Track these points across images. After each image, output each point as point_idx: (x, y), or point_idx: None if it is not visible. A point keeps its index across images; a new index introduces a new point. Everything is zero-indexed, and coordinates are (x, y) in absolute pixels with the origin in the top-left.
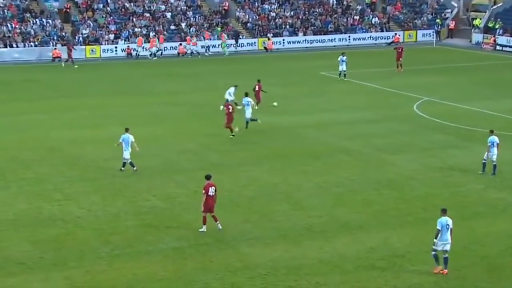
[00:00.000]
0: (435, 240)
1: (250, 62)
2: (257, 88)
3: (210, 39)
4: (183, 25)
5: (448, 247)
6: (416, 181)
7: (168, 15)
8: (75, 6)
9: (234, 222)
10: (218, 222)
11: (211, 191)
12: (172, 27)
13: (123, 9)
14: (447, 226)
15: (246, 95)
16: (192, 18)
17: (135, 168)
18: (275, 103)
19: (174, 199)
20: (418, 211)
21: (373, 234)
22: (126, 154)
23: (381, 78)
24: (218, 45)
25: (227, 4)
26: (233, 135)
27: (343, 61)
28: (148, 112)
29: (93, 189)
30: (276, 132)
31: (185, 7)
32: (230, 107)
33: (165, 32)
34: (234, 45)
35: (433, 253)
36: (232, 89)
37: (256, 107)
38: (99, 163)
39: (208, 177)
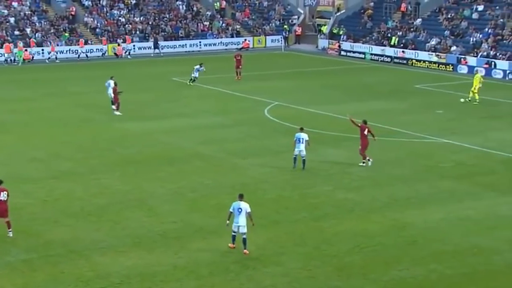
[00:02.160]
0: (227, 221)
1: (100, 68)
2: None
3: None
4: (28, 30)
5: (243, 230)
6: (268, 184)
7: (12, 20)
8: None
9: (85, 231)
10: (10, 230)
11: (3, 195)
12: (17, 32)
13: None
14: (239, 210)
15: None
16: (37, 23)
17: None
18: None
19: (21, 210)
20: (271, 214)
21: (227, 238)
22: None
23: (232, 83)
24: (67, 51)
25: (74, 9)
26: None
27: (198, 70)
28: None
29: None
30: (128, 139)
31: (29, 12)
32: None
33: (8, 38)
34: (157, 50)
35: (233, 234)
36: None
37: (118, 112)
38: None
39: None
